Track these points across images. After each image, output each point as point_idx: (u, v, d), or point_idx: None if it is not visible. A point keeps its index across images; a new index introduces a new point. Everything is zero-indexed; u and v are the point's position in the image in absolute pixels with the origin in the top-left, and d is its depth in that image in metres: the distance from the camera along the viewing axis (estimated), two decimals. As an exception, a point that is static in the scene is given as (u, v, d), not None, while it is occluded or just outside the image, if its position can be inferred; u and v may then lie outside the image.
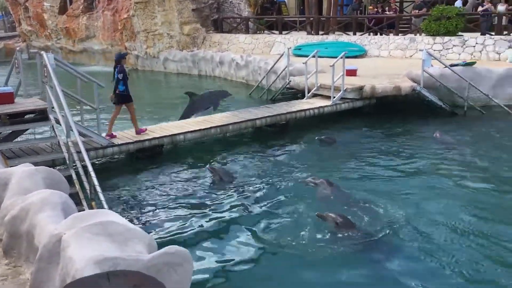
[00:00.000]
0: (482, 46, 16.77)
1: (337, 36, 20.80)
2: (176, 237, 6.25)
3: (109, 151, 9.01)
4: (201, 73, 22.65)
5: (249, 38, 22.82)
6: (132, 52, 25.23)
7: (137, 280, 1.29)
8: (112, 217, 3.44)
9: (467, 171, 8.53)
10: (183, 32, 23.67)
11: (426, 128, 11.42)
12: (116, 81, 9.14)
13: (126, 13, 24.46)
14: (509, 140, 10.56)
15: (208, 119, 10.97)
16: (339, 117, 12.25)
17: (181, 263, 3.19)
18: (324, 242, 5.98)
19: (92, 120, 10.76)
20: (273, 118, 11.28)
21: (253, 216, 6.87)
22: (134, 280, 1.27)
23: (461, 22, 17.42)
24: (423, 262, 5.54)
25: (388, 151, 9.89)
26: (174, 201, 7.51)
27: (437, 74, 12.69)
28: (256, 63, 18.13)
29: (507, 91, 13.47)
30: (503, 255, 5.65)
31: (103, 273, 1.32)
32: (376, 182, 8.15)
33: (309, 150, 10.11)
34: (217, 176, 8.19)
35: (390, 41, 18.94)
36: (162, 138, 9.64)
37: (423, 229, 6.28)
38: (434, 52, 16.43)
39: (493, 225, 6.41)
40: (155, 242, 3.34)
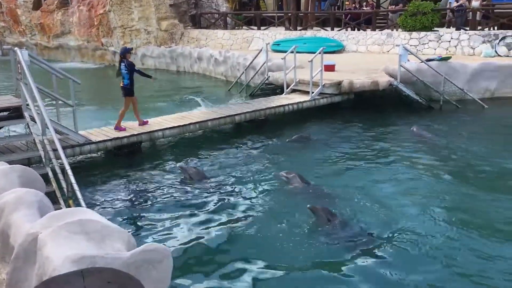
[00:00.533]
0: (457, 41, 17.07)
1: (315, 31, 20.88)
2: (155, 234, 6.22)
3: (86, 149, 8.88)
4: (179, 69, 22.49)
5: (227, 34, 22.75)
6: (109, 48, 24.89)
7: (111, 276, 1.28)
8: (90, 215, 3.40)
9: (443, 164, 8.69)
10: (160, 28, 23.44)
11: (403, 122, 11.58)
12: (123, 75, 9.52)
13: (102, 8, 24.10)
14: (483, 133, 10.78)
15: (187, 116, 10.91)
16: (318, 112, 12.32)
17: (161, 260, 3.18)
18: (300, 236, 6.04)
19: (68, 117, 10.59)
20: (252, 114, 11.28)
21: (231, 212, 6.88)
22: (108, 277, 1.26)
23: (436, 18, 17.68)
24: (401, 254, 5.62)
25: (365, 146, 9.99)
26: (152, 198, 7.47)
27: (413, 69, 12.86)
28: (235, 58, 18.08)
29: (481, 85, 13.76)
30: (475, 242, 5.81)
31: (77, 270, 1.30)
32: (352, 176, 8.22)
33: (288, 145, 10.14)
34: (187, 175, 8.15)
35: (367, 37, 19.11)
36: (140, 135, 9.56)
37: (398, 221, 6.38)
38: (410, 47, 16.64)
39: (466, 214, 6.60)
40: (134, 240, 3.32)
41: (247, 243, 6.00)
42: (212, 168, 8.75)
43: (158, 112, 12.32)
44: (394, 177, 8.10)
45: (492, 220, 6.45)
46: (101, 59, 25.87)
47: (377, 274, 5.25)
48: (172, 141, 10.46)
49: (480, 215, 6.58)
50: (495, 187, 7.58)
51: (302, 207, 6.61)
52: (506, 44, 16.10)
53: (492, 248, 5.70)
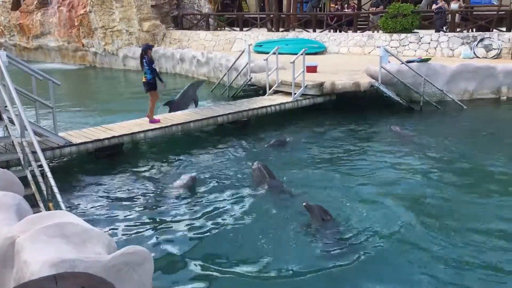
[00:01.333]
0: (437, 43, 17.33)
1: (297, 33, 20.97)
2: (136, 237, 6.17)
3: (67, 151, 8.77)
4: (161, 70, 22.27)
5: (209, 35, 22.71)
6: (89, 49, 24.63)
7: (85, 281, 1.26)
8: (69, 218, 3.37)
9: (423, 163, 8.82)
10: (142, 29, 23.28)
11: (384, 123, 11.71)
12: (145, 71, 9.89)
13: (82, 9, 23.83)
14: (462, 133, 10.96)
15: (169, 117, 10.85)
16: (300, 113, 12.38)
17: (142, 262, 3.16)
18: (288, 235, 6.06)
19: (48, 119, 10.46)
20: (235, 115, 11.28)
21: (213, 213, 6.86)
22: (82, 282, 1.24)
23: (416, 20, 17.93)
24: (386, 253, 5.69)
25: (345, 146, 10.07)
26: (134, 200, 7.41)
27: (394, 70, 13.01)
28: (217, 60, 18.06)
29: (460, 86, 14.00)
30: (453, 239, 5.91)
31: (50, 275, 1.28)
32: (333, 175, 8.28)
33: (268, 149, 10.16)
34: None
35: (349, 38, 19.27)
36: (122, 137, 9.47)
37: (379, 220, 6.46)
38: (391, 48, 16.84)
39: (444, 212, 6.75)
40: (114, 242, 3.30)
41: (231, 245, 5.99)
42: (194, 170, 8.71)
43: (139, 114, 12.22)
44: (373, 177, 8.18)
45: (470, 217, 6.57)
46: (82, 60, 25.58)
47: (368, 273, 5.30)
48: (154, 142, 10.39)
49: (459, 213, 6.70)
50: (474, 186, 7.72)
51: (286, 206, 6.64)
52: (484, 46, 16.42)
53: (472, 246, 5.81)
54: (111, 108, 14.38)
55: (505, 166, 8.60)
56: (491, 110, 13.26)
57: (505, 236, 6.02)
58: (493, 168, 8.52)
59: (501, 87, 14.10)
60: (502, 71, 13.95)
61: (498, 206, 6.91)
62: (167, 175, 8.51)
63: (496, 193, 7.44)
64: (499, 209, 6.80)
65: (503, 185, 7.78)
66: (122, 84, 20.17)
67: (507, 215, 6.61)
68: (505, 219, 6.49)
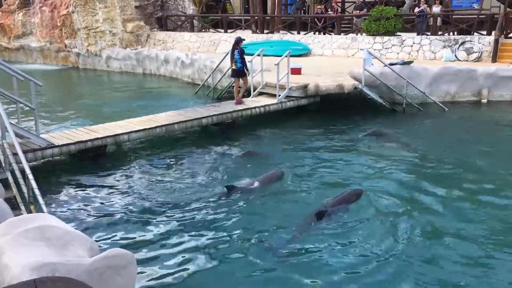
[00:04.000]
0: (419, 45, 17.56)
1: (281, 35, 21.05)
2: (119, 240, 6.12)
3: (49, 153, 8.66)
4: (145, 71, 22.23)
5: (194, 36, 22.66)
6: (72, 50, 24.37)
7: (65, 285, 1.26)
8: (50, 221, 3.33)
9: (405, 164, 8.90)
10: (126, 30, 23.11)
11: (368, 125, 11.80)
12: (236, 60, 11.72)
13: (65, 9, 23.58)
14: (443, 135, 11.10)
15: (153, 118, 10.79)
16: (284, 114, 12.43)
17: (125, 265, 3.14)
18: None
19: (30, 120, 10.33)
20: (219, 117, 11.27)
21: (195, 213, 6.85)
22: (62, 286, 1.24)
23: (399, 23, 18.13)
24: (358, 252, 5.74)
25: (328, 147, 10.12)
26: (117, 203, 7.34)
27: (377, 73, 13.14)
28: (202, 61, 18.00)
29: (442, 89, 14.20)
30: (431, 237, 5.99)
31: (30, 280, 1.27)
32: (315, 176, 8.33)
33: (254, 148, 10.17)
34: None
35: (333, 40, 19.40)
36: (105, 138, 9.38)
37: (362, 219, 6.52)
38: (374, 51, 17.01)
39: (424, 210, 6.88)
40: (96, 245, 3.27)
41: (215, 247, 5.98)
42: (178, 173, 8.68)
43: (123, 115, 12.16)
44: (354, 178, 8.24)
45: (452, 216, 6.69)
46: (65, 60, 25.30)
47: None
48: (138, 144, 10.32)
49: (439, 212, 6.82)
50: (454, 185, 7.82)
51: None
52: (465, 49, 16.69)
53: (451, 245, 5.90)
54: (94, 110, 14.25)
55: (485, 167, 8.74)
56: (472, 112, 13.47)
57: (491, 235, 6.11)
58: (473, 169, 8.65)
59: (481, 89, 14.33)
60: (483, 74, 14.19)
61: (481, 206, 7.01)
62: (151, 176, 8.45)
63: (477, 193, 7.55)
64: (482, 209, 6.90)
65: (484, 184, 7.91)
66: (105, 85, 19.97)
67: (491, 214, 6.71)
68: (488, 219, 6.59)
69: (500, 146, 10.09)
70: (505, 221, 6.56)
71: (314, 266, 5.48)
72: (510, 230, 6.32)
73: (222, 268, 5.51)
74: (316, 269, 5.43)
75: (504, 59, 15.85)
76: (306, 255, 5.72)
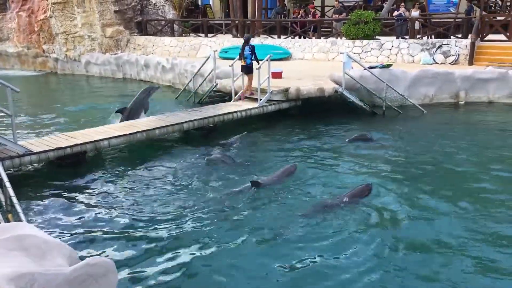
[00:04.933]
0: (398, 49, 17.81)
1: (262, 39, 21.12)
2: (99, 248, 6.03)
3: (27, 160, 8.50)
4: (125, 76, 22.06)
5: (174, 41, 22.58)
6: (50, 55, 24.05)
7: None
8: (28, 230, 3.27)
9: (385, 166, 9.00)
10: (105, 35, 22.92)
11: (348, 127, 11.90)
12: (246, 56, 12.30)
13: (43, 14, 23.27)
14: (422, 136, 11.25)
15: (134, 124, 10.70)
16: (266, 118, 12.45)
17: (105, 273, 3.10)
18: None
19: (7, 127, 10.14)
20: (201, 121, 11.23)
21: (178, 218, 6.81)
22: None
23: (378, 27, 18.36)
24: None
25: (309, 149, 10.17)
26: (97, 210, 7.23)
27: (357, 76, 13.27)
28: (182, 66, 17.96)
29: (421, 92, 14.42)
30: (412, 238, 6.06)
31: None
32: (296, 180, 8.34)
33: (236, 152, 10.16)
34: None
35: (313, 44, 19.54)
36: (84, 145, 9.26)
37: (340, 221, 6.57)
38: (354, 55, 17.20)
39: (404, 210, 6.99)
40: (76, 254, 3.23)
41: (194, 254, 5.95)
42: (159, 178, 8.61)
43: (103, 121, 12.04)
44: (333, 181, 8.29)
45: (430, 217, 6.79)
46: (43, 66, 24.95)
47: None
48: (119, 150, 10.22)
49: (420, 212, 6.94)
50: (434, 187, 7.93)
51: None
52: (442, 52, 16.99)
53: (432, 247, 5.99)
54: (73, 116, 14.06)
55: (464, 167, 8.89)
56: (450, 114, 13.70)
57: (471, 238, 6.20)
58: (452, 170, 8.79)
59: (459, 92, 14.60)
60: (460, 76, 14.46)
61: (459, 207, 7.12)
62: (131, 183, 8.37)
63: (456, 193, 7.67)
64: (462, 211, 7.00)
65: (463, 185, 8.05)
66: (84, 91, 19.75)
67: (469, 216, 6.82)
68: (465, 220, 6.70)
69: (477, 148, 10.26)
70: (485, 219, 6.68)
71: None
72: (492, 231, 6.43)
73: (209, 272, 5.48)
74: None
75: (480, 62, 16.17)
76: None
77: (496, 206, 7.15)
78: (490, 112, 13.70)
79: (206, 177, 8.54)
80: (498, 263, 5.61)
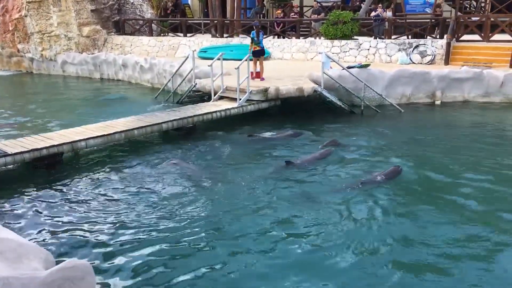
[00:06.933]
0: (375, 49, 18.01)
1: (241, 39, 21.09)
2: (76, 250, 5.93)
3: (1, 162, 8.32)
4: (103, 76, 21.79)
5: (153, 41, 22.40)
6: (25, 54, 23.59)
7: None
8: (3, 233, 3.20)
9: (359, 165, 9.09)
10: (82, 34, 22.59)
11: (326, 127, 11.98)
12: (260, 41, 13.82)
13: (17, 13, 22.80)
14: (399, 135, 11.39)
15: (112, 124, 10.57)
16: (245, 118, 12.44)
17: (83, 276, 3.05)
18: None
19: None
20: (180, 122, 11.16)
21: (158, 221, 6.76)
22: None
23: (355, 27, 18.53)
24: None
25: (286, 150, 10.19)
26: (74, 212, 7.12)
27: (335, 76, 13.37)
28: (161, 65, 17.83)
29: (398, 91, 14.61)
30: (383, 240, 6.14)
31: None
32: (274, 179, 8.36)
33: (216, 151, 10.13)
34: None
35: (292, 44, 19.62)
36: (61, 146, 9.10)
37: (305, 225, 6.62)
38: (332, 54, 17.32)
39: (377, 212, 7.01)
40: (52, 257, 3.17)
41: (170, 255, 5.91)
42: (138, 179, 8.53)
43: (80, 121, 11.86)
44: (307, 182, 8.34)
45: (407, 217, 6.87)
46: (18, 66, 24.46)
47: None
48: (96, 151, 10.08)
49: (393, 213, 7.00)
50: (411, 186, 8.05)
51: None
52: (419, 52, 17.23)
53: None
54: (50, 116, 13.81)
55: (440, 165, 9.04)
56: (427, 113, 13.91)
57: (449, 240, 6.26)
58: (427, 168, 8.91)
59: (435, 91, 14.84)
60: (436, 76, 14.69)
61: (436, 209, 7.20)
62: (109, 184, 8.27)
63: (431, 192, 7.80)
64: (437, 212, 7.09)
65: (439, 184, 8.18)
66: (61, 91, 19.42)
67: (446, 217, 6.91)
68: (441, 222, 6.79)
69: (452, 147, 10.44)
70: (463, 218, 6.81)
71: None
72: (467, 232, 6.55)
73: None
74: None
75: (456, 62, 16.46)
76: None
77: (467, 207, 7.26)
78: (465, 111, 13.95)
79: (180, 179, 8.48)
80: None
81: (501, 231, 6.39)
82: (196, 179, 8.41)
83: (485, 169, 8.84)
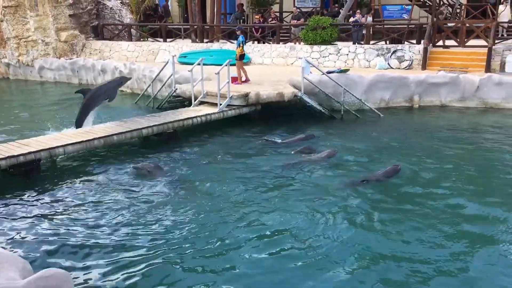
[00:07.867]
0: (354, 54, 18.22)
1: (221, 44, 21.12)
2: (54, 259, 5.83)
3: (-23, 169, 8.15)
4: (81, 81, 21.51)
5: (132, 46, 22.24)
6: (2, 60, 23.18)
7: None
8: (-22, 242, 3.13)
9: (340, 171, 9.16)
10: (60, 39, 22.31)
11: (307, 131, 12.04)
12: (242, 45, 14.28)
13: (-7, 17, 22.41)
14: (378, 139, 11.51)
15: (91, 130, 10.44)
16: (226, 123, 12.44)
17: (60, 285, 3.01)
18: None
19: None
20: (160, 127, 11.09)
21: (135, 228, 6.70)
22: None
23: (335, 32, 18.72)
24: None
25: (268, 154, 10.22)
26: (52, 221, 7.00)
27: (315, 81, 13.47)
28: (141, 71, 17.72)
29: (377, 96, 14.79)
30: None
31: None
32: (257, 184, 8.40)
33: (195, 157, 10.10)
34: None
35: (272, 49, 19.71)
36: (39, 152, 8.95)
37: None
38: (312, 59, 17.46)
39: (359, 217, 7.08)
40: (29, 266, 3.12)
41: (148, 262, 5.86)
42: (117, 186, 8.44)
43: (58, 127, 11.70)
44: (290, 186, 8.38)
45: (387, 219, 6.95)
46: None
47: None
48: (75, 157, 9.93)
49: (374, 215, 7.08)
50: (390, 190, 8.15)
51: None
52: (397, 57, 17.51)
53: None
54: (27, 122, 13.58)
55: (419, 169, 9.17)
56: (405, 117, 14.11)
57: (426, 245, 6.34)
58: (408, 172, 9.03)
59: (413, 96, 15.07)
60: (414, 81, 14.93)
61: (412, 213, 7.31)
62: (88, 192, 8.16)
63: (411, 196, 7.91)
64: (414, 216, 7.19)
65: (418, 187, 8.30)
66: (38, 97, 19.11)
67: (427, 220, 7.00)
68: (422, 227, 6.87)
69: (429, 150, 10.61)
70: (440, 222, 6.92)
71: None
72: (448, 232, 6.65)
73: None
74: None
75: (432, 67, 16.76)
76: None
77: (444, 211, 7.39)
78: (442, 115, 14.18)
79: (163, 184, 8.43)
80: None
81: (470, 233, 6.53)
82: (174, 185, 8.36)
83: (461, 172, 9.02)
